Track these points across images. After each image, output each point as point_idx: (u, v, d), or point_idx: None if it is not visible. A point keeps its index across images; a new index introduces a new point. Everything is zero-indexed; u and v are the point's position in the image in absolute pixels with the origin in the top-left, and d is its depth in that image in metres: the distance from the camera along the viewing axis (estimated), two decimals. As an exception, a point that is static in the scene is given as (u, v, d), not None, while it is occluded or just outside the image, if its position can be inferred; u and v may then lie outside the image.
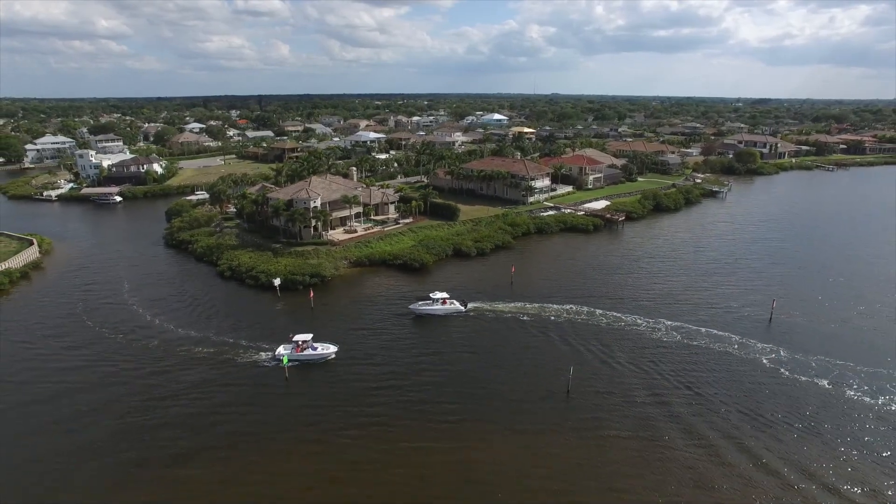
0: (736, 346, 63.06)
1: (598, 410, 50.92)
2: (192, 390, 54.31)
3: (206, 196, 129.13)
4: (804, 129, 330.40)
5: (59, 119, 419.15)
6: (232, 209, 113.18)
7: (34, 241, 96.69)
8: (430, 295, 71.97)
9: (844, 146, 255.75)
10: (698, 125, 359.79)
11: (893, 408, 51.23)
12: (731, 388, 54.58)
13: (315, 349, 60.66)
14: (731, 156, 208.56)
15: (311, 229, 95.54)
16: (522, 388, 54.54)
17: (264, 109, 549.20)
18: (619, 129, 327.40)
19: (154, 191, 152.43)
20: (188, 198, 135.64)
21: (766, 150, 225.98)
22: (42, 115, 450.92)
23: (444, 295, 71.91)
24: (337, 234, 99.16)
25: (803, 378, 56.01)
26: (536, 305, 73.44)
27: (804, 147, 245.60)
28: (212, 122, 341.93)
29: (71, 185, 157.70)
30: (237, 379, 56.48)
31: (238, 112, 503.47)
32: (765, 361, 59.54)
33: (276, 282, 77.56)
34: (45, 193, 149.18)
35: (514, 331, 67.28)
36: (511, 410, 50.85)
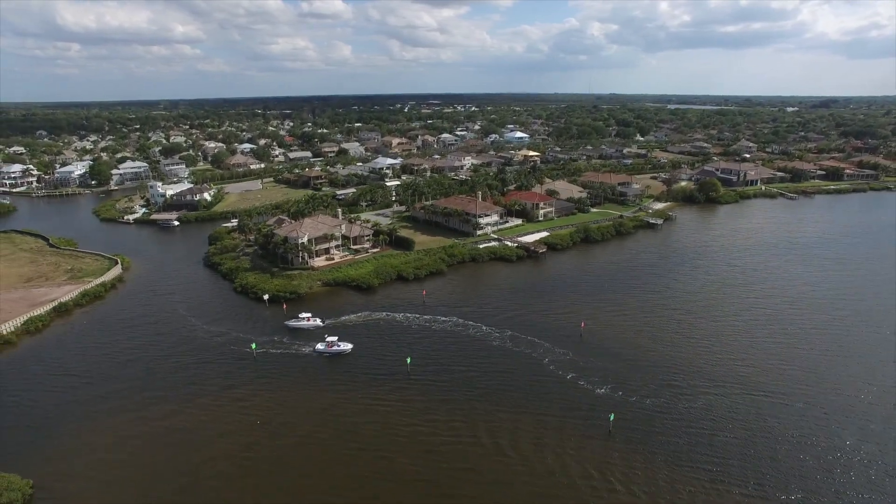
0: (541, 350, 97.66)
1: (422, 377, 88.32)
2: (204, 357, 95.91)
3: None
4: (806, 148, 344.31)
5: (137, 134, 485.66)
6: (252, 238, 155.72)
7: (118, 260, 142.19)
8: (300, 315, 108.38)
9: (823, 172, 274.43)
10: (706, 145, 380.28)
11: (602, 393, 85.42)
12: (502, 373, 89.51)
13: (339, 346, 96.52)
14: (694, 185, 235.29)
15: (300, 258, 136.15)
16: (380, 368, 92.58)
17: (315, 120, 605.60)
18: (624, 151, 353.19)
19: (203, 216, 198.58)
20: (225, 225, 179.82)
21: (735, 179, 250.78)
22: (124, 130, 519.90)
23: (309, 314, 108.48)
24: (319, 261, 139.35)
25: (560, 373, 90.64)
26: (428, 317, 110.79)
27: (780, 174, 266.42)
28: (262, 141, 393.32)
29: (143, 209, 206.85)
30: (225, 354, 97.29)
31: (290, 126, 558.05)
32: (546, 361, 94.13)
33: (266, 296, 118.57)
34: (125, 217, 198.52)
35: (395, 334, 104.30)
36: (370, 377, 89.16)
